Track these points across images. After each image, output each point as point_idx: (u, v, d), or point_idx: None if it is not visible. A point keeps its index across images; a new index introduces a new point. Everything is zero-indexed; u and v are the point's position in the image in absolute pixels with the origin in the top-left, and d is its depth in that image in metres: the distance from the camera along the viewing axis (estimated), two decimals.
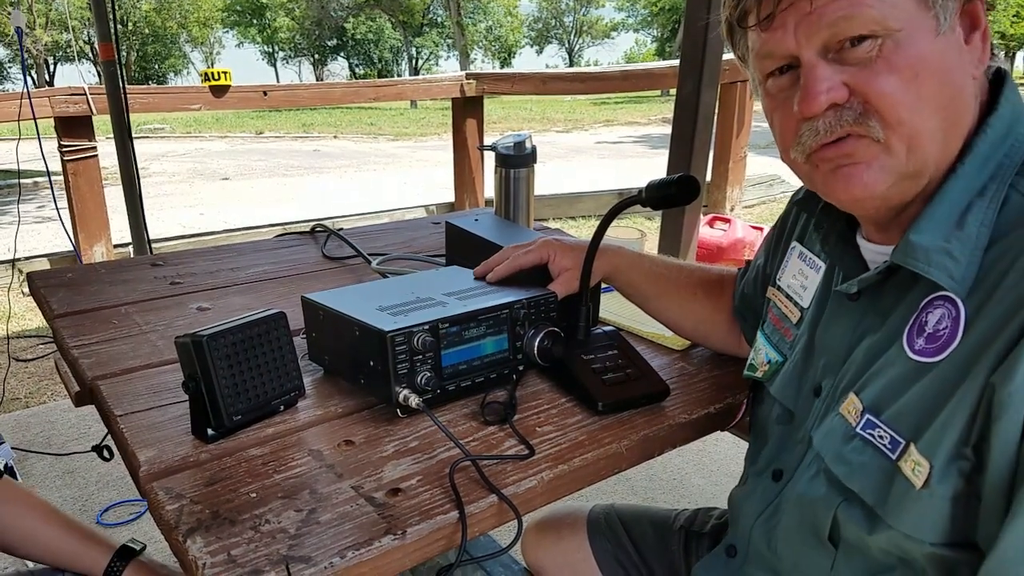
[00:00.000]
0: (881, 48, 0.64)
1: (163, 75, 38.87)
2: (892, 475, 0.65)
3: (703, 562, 0.95)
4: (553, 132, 15.16)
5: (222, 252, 1.56)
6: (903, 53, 0.64)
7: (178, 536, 0.69)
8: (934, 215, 0.67)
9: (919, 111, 0.65)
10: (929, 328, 0.66)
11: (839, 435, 0.71)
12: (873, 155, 0.67)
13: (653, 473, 2.42)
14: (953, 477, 0.61)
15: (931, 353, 0.65)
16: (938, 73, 0.65)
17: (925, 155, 0.66)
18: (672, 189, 0.94)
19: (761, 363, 0.91)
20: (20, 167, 3.62)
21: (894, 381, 0.68)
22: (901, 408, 0.66)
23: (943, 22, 0.64)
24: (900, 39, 0.64)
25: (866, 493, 0.68)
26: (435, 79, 6.16)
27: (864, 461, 0.68)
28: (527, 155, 1.51)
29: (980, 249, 0.64)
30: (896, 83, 0.64)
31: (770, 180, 7.33)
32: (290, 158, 11.84)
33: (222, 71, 4.73)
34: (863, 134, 0.66)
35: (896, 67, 0.64)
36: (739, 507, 0.89)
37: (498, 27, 44.61)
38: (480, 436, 0.88)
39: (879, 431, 0.67)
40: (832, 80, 0.66)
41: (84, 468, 2.42)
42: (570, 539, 1.16)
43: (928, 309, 0.67)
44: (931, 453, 0.62)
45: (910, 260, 0.67)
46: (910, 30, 0.64)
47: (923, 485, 0.62)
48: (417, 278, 1.12)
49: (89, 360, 1.05)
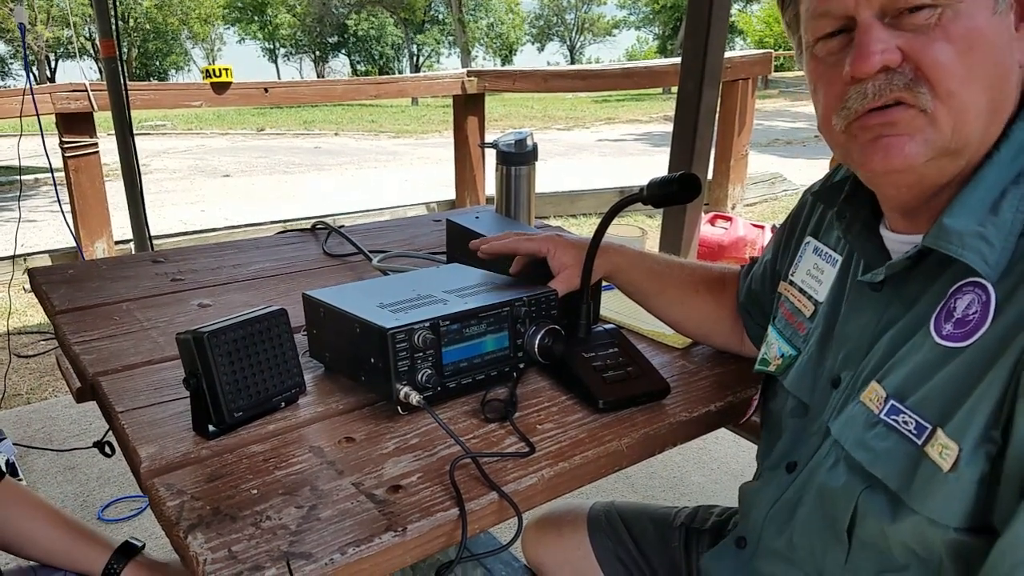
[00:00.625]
0: (940, 17, 0.63)
1: (164, 72, 38.88)
2: (918, 460, 0.65)
3: (712, 552, 0.94)
4: (554, 130, 15.15)
5: (223, 249, 1.56)
6: (961, 24, 0.63)
7: (179, 532, 0.70)
8: (969, 200, 0.66)
9: (970, 85, 0.64)
10: (958, 313, 0.66)
11: (860, 422, 0.71)
12: (918, 127, 0.66)
13: (653, 471, 2.42)
14: (980, 460, 0.61)
15: (959, 338, 0.65)
16: (991, 51, 0.64)
17: (969, 132, 0.66)
18: (673, 187, 0.94)
19: (774, 357, 0.90)
20: (22, 163, 3.62)
21: (920, 367, 0.68)
22: (927, 393, 0.66)
23: (1000, 3, 0.64)
24: (960, 10, 0.63)
25: (890, 478, 0.67)
26: (436, 76, 6.15)
27: (888, 447, 0.68)
28: (528, 153, 1.50)
29: (1015, 235, 0.64)
30: (951, 53, 0.63)
31: (772, 178, 7.33)
32: (291, 155, 11.84)
33: (223, 68, 4.73)
34: (911, 103, 0.65)
35: (953, 37, 0.63)
36: (751, 500, 0.88)
37: (499, 24, 44.56)
38: (481, 433, 0.88)
39: (904, 416, 0.67)
40: (887, 43, 0.65)
41: (85, 464, 2.43)
42: (570, 536, 1.16)
43: (957, 295, 0.66)
44: (959, 436, 0.62)
45: (943, 243, 0.66)
46: (970, 2, 0.63)
47: (951, 468, 0.62)
48: (418, 275, 1.12)
49: (90, 356, 1.05)
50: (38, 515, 1.04)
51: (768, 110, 16.06)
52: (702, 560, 0.95)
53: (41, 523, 1.04)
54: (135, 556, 1.03)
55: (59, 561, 1.04)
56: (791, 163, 8.83)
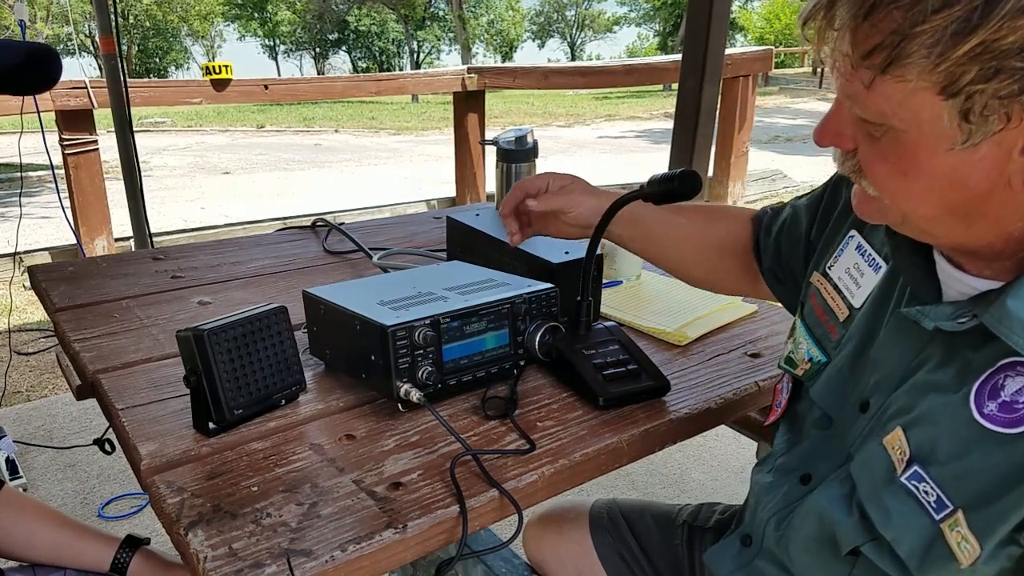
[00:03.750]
0: (884, 135, 0.60)
1: (164, 69, 38.85)
2: (934, 538, 0.62)
3: (717, 546, 0.93)
4: (555, 127, 15.14)
5: (223, 246, 1.56)
6: (899, 150, 0.60)
7: (179, 529, 0.70)
8: None
9: (908, 200, 0.62)
10: (1006, 395, 0.60)
11: (880, 474, 0.67)
12: (873, 199, 0.65)
13: (653, 468, 2.42)
14: (1000, 560, 0.58)
15: (1004, 423, 0.60)
16: (940, 180, 0.59)
17: (926, 227, 0.63)
18: (674, 184, 0.94)
19: (802, 359, 0.85)
20: (23, 161, 3.62)
21: (952, 438, 0.63)
22: (958, 472, 0.61)
23: (964, 142, 0.56)
24: (900, 138, 0.59)
25: (901, 547, 0.64)
26: (437, 73, 6.15)
27: (904, 512, 0.64)
28: (528, 149, 1.50)
29: None
30: (884, 170, 0.62)
31: (772, 175, 7.32)
32: (291, 152, 11.83)
33: (223, 65, 4.73)
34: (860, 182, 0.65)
35: (888, 158, 0.61)
36: (760, 498, 0.86)
37: (500, 21, 44.52)
38: (481, 431, 0.88)
39: (925, 486, 0.63)
40: (844, 129, 0.64)
41: (85, 461, 2.43)
42: (572, 533, 1.16)
43: (1007, 372, 0.61)
44: (983, 534, 0.59)
45: (1004, 330, 0.60)
46: (914, 135, 0.58)
47: (970, 564, 0.59)
48: (418, 273, 1.12)
49: (90, 354, 1.05)
50: (39, 517, 1.05)
51: (768, 107, 16.04)
52: (705, 555, 0.95)
53: (44, 524, 1.04)
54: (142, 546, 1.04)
55: (66, 559, 1.04)
56: (791, 160, 8.83)
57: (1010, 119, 0.54)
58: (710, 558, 0.93)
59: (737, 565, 0.88)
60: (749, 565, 0.86)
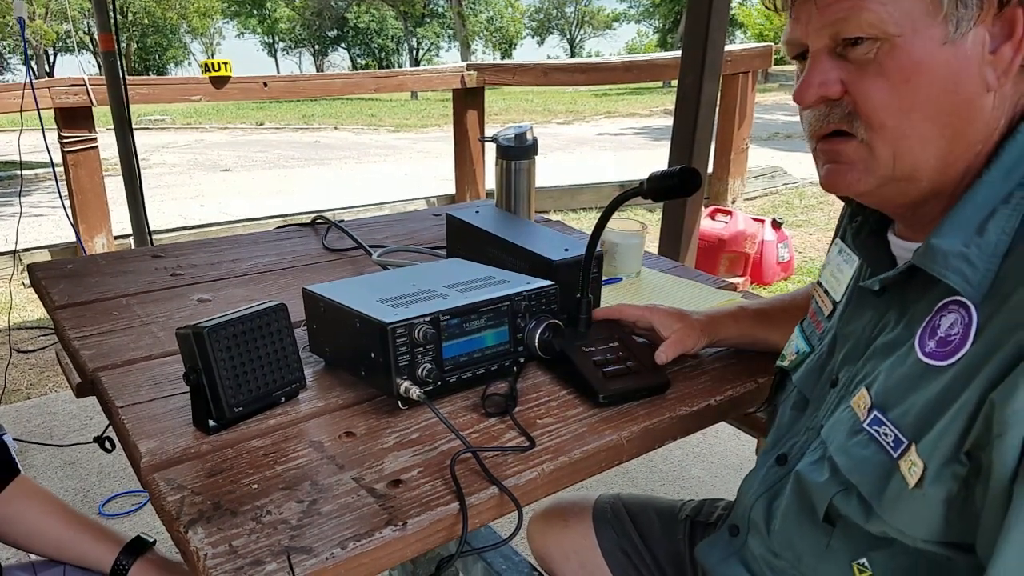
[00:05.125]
0: (878, 51, 0.65)
1: (163, 66, 38.80)
2: (890, 472, 0.66)
3: (707, 541, 0.95)
4: (554, 124, 15.12)
5: (223, 243, 1.56)
6: (898, 58, 0.64)
7: (179, 527, 0.70)
8: (956, 220, 0.67)
9: (907, 116, 0.65)
10: (941, 332, 0.66)
11: (846, 427, 0.72)
12: (859, 157, 0.69)
13: (653, 465, 2.42)
14: (947, 480, 0.62)
15: (940, 357, 0.65)
16: (935, 81, 0.64)
17: (915, 160, 0.67)
18: (674, 181, 0.94)
19: (790, 353, 0.91)
20: (22, 158, 3.61)
21: (902, 380, 0.69)
22: (907, 408, 0.67)
23: (954, 32, 0.63)
24: (897, 44, 0.64)
25: (863, 486, 0.69)
26: (436, 70, 6.14)
27: (866, 456, 0.69)
28: (528, 147, 1.50)
29: (998, 256, 0.64)
30: (884, 88, 0.65)
31: (772, 172, 7.32)
32: (290, 149, 11.82)
33: (222, 62, 4.71)
34: (850, 131, 0.68)
35: (887, 71, 0.65)
36: (744, 487, 0.90)
37: (499, 18, 44.46)
38: (481, 428, 0.88)
39: (885, 428, 0.68)
40: (828, 75, 0.68)
41: (85, 459, 2.43)
42: (576, 527, 1.17)
43: (942, 312, 0.67)
44: (927, 456, 0.63)
45: (928, 263, 0.67)
46: (909, 36, 0.64)
47: (916, 485, 0.63)
48: (418, 270, 1.12)
49: (90, 351, 1.05)
50: (50, 510, 1.05)
51: (768, 103, 16.01)
52: (696, 550, 0.96)
53: (52, 518, 1.04)
54: (144, 553, 1.04)
55: (68, 556, 1.04)
56: (791, 157, 8.82)
57: (983, 8, 0.63)
58: (700, 552, 0.94)
59: (726, 554, 0.90)
60: (738, 552, 0.88)
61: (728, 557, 0.89)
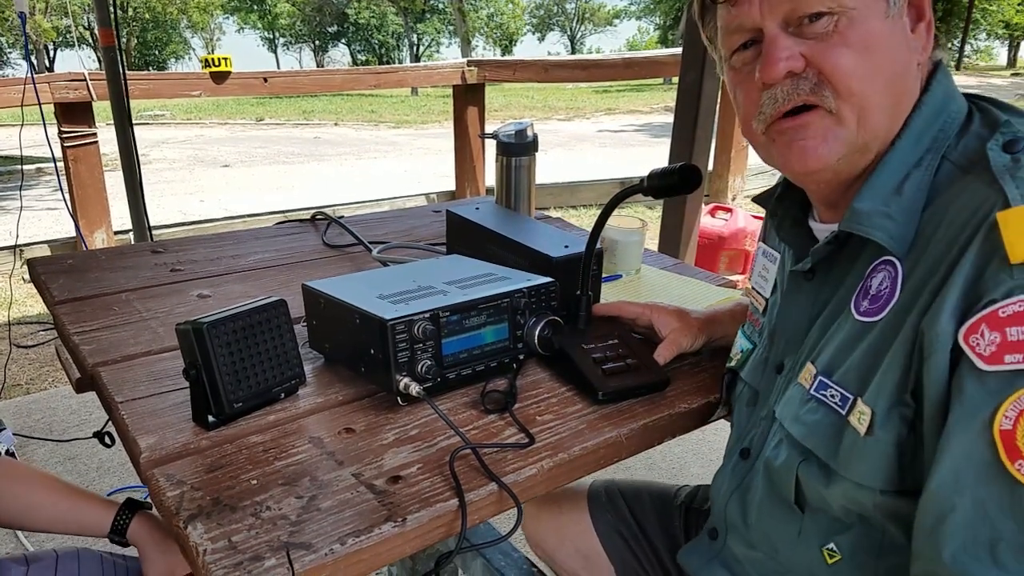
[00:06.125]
0: (837, 24, 0.69)
1: (163, 61, 38.74)
2: (841, 429, 0.70)
3: (688, 547, 0.97)
4: (555, 120, 15.10)
5: (222, 239, 1.56)
6: (857, 29, 0.69)
7: (179, 522, 0.70)
8: (875, 184, 0.72)
9: (870, 83, 0.70)
10: (873, 290, 0.71)
11: (796, 401, 0.76)
12: (828, 127, 0.72)
13: (652, 462, 2.43)
14: (895, 423, 0.65)
15: (873, 312, 0.70)
16: (887, 50, 0.70)
17: (875, 125, 0.72)
18: (674, 178, 0.94)
19: (735, 353, 0.95)
20: (23, 153, 3.61)
21: (843, 343, 0.73)
22: (849, 366, 0.71)
23: (892, 7, 0.71)
24: (854, 16, 0.69)
25: (819, 448, 0.72)
26: (436, 66, 6.13)
27: (817, 419, 0.73)
28: (528, 143, 1.50)
29: (917, 211, 0.69)
30: (849, 56, 0.69)
31: (772, 170, 7.30)
32: (290, 145, 11.81)
33: (222, 57, 4.70)
34: (817, 103, 0.71)
35: (850, 41, 0.69)
36: (715, 489, 0.92)
37: (499, 14, 44.39)
38: (480, 424, 0.88)
39: (831, 391, 0.72)
40: (791, 50, 0.71)
41: (85, 454, 2.43)
42: (570, 513, 1.17)
43: (872, 274, 0.72)
44: (873, 402, 0.67)
45: (854, 224, 0.72)
46: (863, 9, 0.69)
47: (867, 432, 0.67)
48: (418, 266, 1.12)
49: (90, 347, 1.05)
50: (39, 487, 1.06)
51: None
52: (678, 555, 0.97)
53: (44, 493, 1.05)
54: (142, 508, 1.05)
55: (66, 526, 1.06)
56: None
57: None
58: (683, 558, 0.96)
59: (707, 558, 0.92)
60: (719, 556, 0.90)
61: (710, 561, 0.91)
